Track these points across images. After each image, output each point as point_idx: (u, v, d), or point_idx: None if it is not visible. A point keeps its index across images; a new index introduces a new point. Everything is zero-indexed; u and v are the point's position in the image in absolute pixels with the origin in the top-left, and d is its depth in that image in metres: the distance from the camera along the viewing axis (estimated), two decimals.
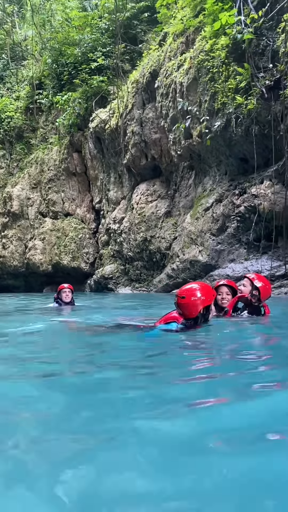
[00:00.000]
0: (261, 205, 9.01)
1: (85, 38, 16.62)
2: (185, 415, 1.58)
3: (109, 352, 3.17)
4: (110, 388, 2.04)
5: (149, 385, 2.09)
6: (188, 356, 2.79)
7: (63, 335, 4.26)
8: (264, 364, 2.58)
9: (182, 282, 11.55)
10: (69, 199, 17.07)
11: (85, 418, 1.63)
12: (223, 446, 1.30)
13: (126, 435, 1.37)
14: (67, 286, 7.56)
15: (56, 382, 2.22)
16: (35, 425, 1.55)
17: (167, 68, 11.85)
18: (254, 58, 9.36)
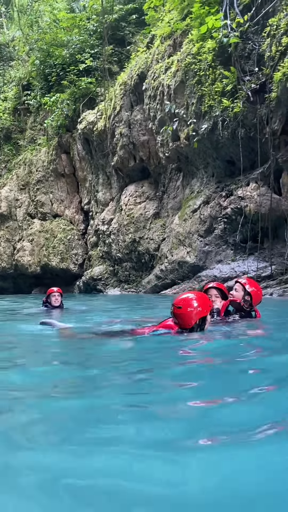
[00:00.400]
0: (247, 207, 9.14)
1: (73, 40, 16.63)
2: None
3: (102, 357, 3.17)
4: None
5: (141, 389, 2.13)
6: (181, 361, 2.82)
7: (53, 341, 4.24)
8: (255, 368, 2.61)
9: (171, 283, 11.68)
10: (58, 200, 17.05)
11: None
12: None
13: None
14: (56, 290, 7.42)
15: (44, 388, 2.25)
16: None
17: (155, 71, 11.94)
18: (240, 61, 9.49)
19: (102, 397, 2.00)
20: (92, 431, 1.54)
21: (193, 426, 1.55)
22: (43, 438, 1.51)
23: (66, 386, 2.29)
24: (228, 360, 2.80)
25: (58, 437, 1.50)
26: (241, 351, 3.15)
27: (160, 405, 1.84)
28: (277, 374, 2.35)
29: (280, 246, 8.95)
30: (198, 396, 1.97)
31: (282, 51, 8.60)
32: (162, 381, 2.32)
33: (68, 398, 2.04)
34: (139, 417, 1.67)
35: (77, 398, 2.01)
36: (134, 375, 2.45)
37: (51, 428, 1.60)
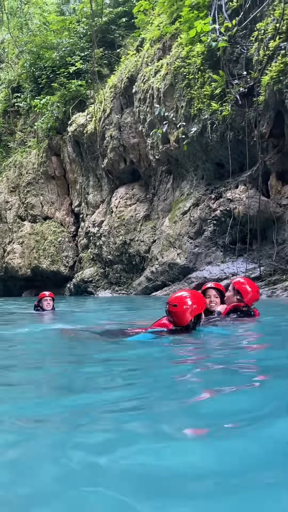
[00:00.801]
0: (236, 209, 9.23)
1: (63, 42, 16.65)
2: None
3: (95, 357, 3.17)
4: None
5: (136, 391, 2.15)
6: (177, 362, 2.82)
7: (49, 342, 4.22)
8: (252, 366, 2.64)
9: (161, 284, 11.72)
10: (48, 203, 17.03)
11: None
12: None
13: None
14: (48, 294, 7.36)
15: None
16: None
17: (145, 74, 12.01)
18: (228, 65, 9.60)
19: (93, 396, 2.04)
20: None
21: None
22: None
23: (59, 385, 2.31)
24: (217, 359, 2.84)
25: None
26: (231, 349, 3.17)
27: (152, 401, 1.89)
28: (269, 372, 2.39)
29: (268, 247, 9.05)
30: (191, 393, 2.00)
31: (269, 55, 8.72)
32: (153, 379, 2.35)
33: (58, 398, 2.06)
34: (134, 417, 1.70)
35: (67, 398, 2.05)
36: (127, 374, 2.48)
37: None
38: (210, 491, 1.09)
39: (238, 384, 2.10)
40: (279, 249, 8.76)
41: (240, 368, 2.54)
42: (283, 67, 8.29)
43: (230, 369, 2.47)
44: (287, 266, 8.58)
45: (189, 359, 2.97)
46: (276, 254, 8.73)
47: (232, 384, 2.07)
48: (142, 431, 1.52)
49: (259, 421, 1.55)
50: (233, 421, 1.56)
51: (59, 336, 4.51)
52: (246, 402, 1.80)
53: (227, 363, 2.63)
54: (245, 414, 1.63)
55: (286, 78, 8.22)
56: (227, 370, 2.44)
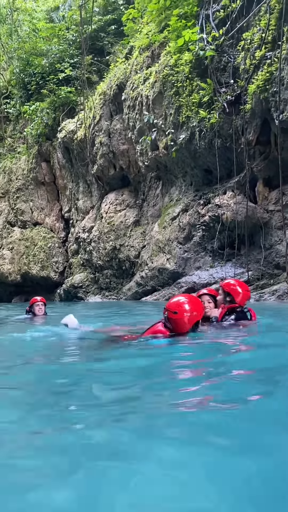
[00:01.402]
0: (224, 215, 9.37)
1: (53, 49, 16.75)
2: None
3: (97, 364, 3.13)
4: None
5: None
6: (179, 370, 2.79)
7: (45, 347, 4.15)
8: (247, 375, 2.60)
9: (151, 289, 11.80)
10: (38, 208, 17.04)
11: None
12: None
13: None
14: (40, 299, 7.35)
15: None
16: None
17: (134, 81, 12.15)
18: (216, 73, 9.78)
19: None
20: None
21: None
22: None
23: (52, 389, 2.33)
24: (210, 364, 2.82)
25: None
26: (228, 355, 3.13)
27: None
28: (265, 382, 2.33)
29: (256, 252, 9.20)
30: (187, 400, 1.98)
31: (255, 65, 8.93)
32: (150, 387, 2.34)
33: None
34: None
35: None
36: (124, 381, 2.46)
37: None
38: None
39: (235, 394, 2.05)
40: (266, 254, 8.91)
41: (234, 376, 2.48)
42: (268, 76, 8.49)
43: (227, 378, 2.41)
44: (274, 271, 8.74)
45: (182, 367, 2.89)
46: (263, 259, 8.88)
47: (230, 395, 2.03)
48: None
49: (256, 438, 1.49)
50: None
51: (50, 343, 4.44)
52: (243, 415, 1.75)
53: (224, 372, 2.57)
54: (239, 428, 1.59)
55: (272, 87, 8.42)
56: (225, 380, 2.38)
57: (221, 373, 2.53)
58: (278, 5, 8.47)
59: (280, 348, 3.43)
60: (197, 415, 1.76)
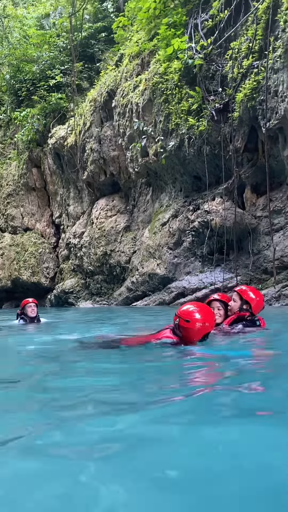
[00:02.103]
0: (213, 221, 9.50)
1: (43, 56, 16.84)
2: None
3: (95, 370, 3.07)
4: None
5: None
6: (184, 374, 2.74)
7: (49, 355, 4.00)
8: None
9: (142, 294, 11.88)
10: (29, 214, 17.05)
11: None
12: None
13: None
14: (31, 300, 7.33)
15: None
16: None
17: (124, 89, 12.28)
18: (205, 81, 9.95)
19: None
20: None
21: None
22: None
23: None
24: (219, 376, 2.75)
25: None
26: (234, 365, 3.04)
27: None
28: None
29: (244, 257, 9.33)
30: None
31: (243, 73, 9.10)
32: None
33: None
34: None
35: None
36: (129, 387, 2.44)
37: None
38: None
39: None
40: (254, 259, 9.05)
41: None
42: (256, 85, 8.67)
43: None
44: (262, 276, 8.87)
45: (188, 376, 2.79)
46: (252, 264, 9.02)
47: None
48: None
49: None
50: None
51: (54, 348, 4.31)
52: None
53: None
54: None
55: (259, 96, 8.59)
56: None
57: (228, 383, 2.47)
58: (264, 15, 8.67)
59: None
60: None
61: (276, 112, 8.20)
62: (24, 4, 22.14)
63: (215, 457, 1.40)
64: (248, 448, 1.46)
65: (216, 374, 2.83)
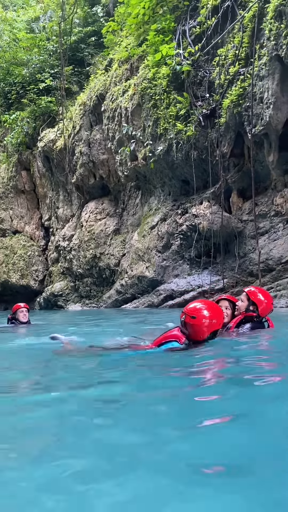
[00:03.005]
0: (201, 224, 9.66)
1: (33, 59, 16.90)
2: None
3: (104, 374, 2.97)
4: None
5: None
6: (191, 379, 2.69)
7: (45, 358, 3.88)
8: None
9: (131, 297, 11.97)
10: (18, 217, 17.05)
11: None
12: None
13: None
14: (23, 305, 7.33)
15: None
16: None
17: (113, 93, 12.40)
18: (192, 87, 10.11)
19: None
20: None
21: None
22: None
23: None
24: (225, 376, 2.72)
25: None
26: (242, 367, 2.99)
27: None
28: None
29: (231, 260, 9.50)
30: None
31: (230, 80, 9.29)
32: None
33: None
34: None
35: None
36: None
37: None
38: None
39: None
40: (240, 262, 9.21)
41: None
42: (242, 92, 8.85)
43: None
44: (248, 278, 9.03)
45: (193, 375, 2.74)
46: (238, 267, 9.18)
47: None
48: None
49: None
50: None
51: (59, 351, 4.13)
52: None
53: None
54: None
55: (244, 102, 8.78)
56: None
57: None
58: (250, 24, 8.86)
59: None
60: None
61: (261, 119, 8.39)
62: (14, 7, 22.19)
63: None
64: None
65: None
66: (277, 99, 8.08)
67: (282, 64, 8.04)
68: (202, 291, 9.52)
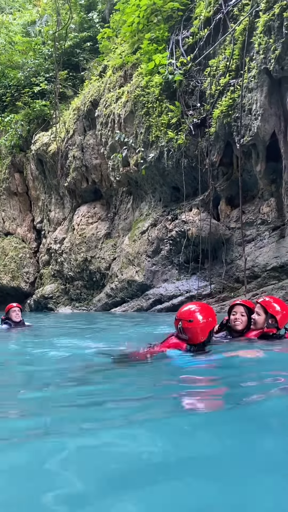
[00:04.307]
0: (190, 231, 9.86)
1: (28, 63, 17.05)
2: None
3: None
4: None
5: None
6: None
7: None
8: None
9: (120, 301, 12.13)
10: (10, 218, 17.14)
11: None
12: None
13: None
14: (15, 305, 7.41)
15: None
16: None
17: (107, 99, 12.59)
18: (184, 96, 10.33)
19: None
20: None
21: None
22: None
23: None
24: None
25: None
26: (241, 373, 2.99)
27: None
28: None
29: (218, 266, 9.71)
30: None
31: (220, 90, 9.52)
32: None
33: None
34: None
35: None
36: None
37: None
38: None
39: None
40: (227, 268, 9.43)
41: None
42: (231, 102, 9.09)
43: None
44: (235, 284, 9.25)
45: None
46: (225, 273, 9.39)
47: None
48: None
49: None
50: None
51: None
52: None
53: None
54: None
55: (234, 113, 9.01)
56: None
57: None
58: (241, 37, 9.10)
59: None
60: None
61: (249, 129, 8.63)
62: (10, 9, 22.34)
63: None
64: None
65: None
66: (265, 111, 8.32)
67: (270, 77, 8.29)
68: (190, 296, 9.71)
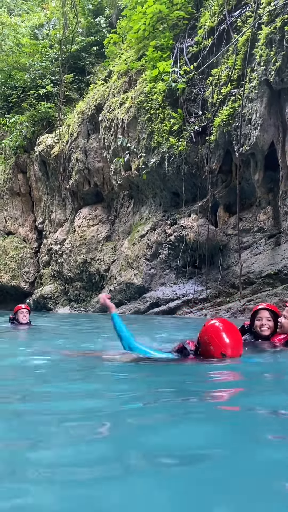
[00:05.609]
0: (188, 236, 10.04)
1: (35, 65, 17.28)
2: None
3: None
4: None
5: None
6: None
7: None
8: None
9: (118, 303, 12.27)
10: (12, 218, 17.35)
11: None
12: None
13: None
14: (24, 306, 7.51)
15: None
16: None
17: (111, 104, 12.80)
18: (186, 104, 10.54)
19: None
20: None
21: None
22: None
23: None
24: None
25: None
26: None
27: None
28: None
29: (215, 272, 9.88)
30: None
31: (222, 100, 9.72)
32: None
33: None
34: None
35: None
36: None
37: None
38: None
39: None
40: (224, 274, 9.60)
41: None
42: (232, 112, 9.28)
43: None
44: (230, 290, 9.42)
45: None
46: (221, 279, 9.56)
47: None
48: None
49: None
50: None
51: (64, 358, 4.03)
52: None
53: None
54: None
55: (234, 122, 9.20)
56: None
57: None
58: (243, 47, 9.30)
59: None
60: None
61: (249, 139, 8.82)
62: (19, 11, 22.62)
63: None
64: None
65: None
66: (264, 121, 8.51)
67: (270, 89, 8.48)
68: (186, 300, 9.89)
